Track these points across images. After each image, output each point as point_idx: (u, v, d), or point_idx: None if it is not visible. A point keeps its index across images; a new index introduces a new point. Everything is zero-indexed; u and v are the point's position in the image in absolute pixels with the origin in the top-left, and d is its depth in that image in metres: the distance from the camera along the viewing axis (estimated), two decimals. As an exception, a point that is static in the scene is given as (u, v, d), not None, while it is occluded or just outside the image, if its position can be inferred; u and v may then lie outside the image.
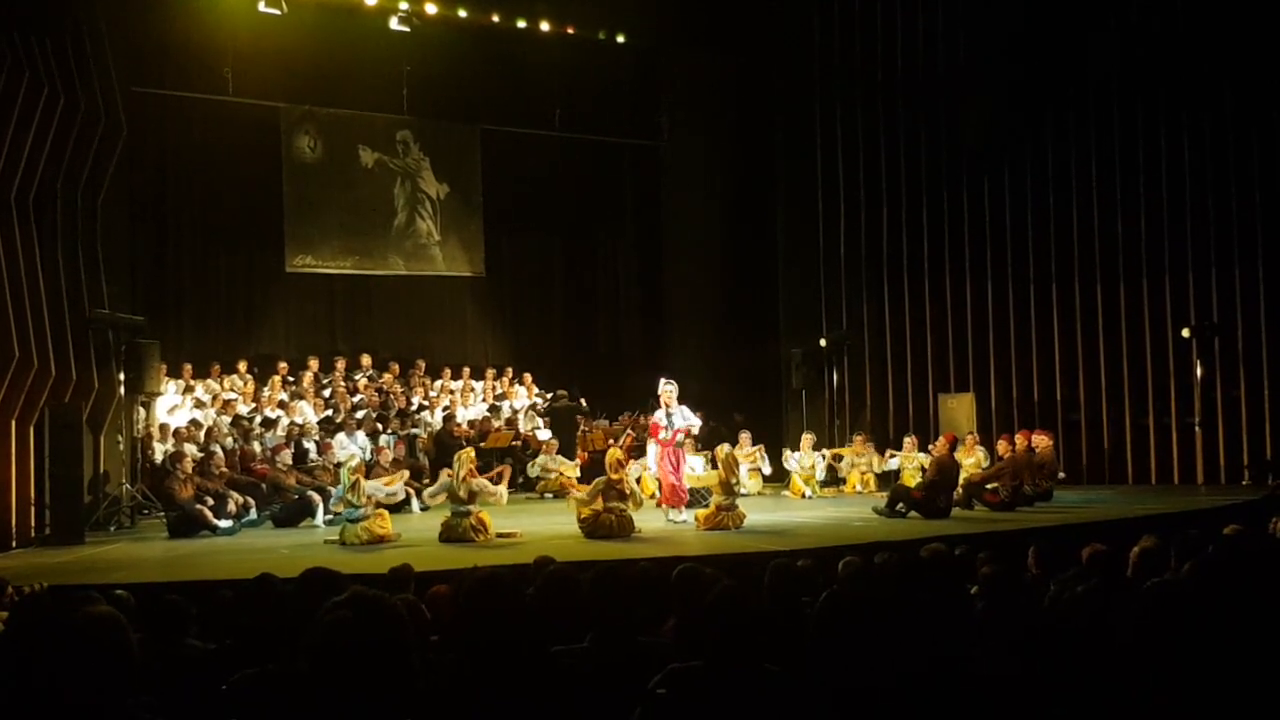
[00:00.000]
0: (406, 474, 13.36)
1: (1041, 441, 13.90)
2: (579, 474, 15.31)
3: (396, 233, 19.03)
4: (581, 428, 17.47)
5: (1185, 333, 15.57)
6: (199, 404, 15.69)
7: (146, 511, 13.33)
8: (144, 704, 2.91)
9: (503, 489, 11.59)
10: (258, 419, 15.64)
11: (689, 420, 12.38)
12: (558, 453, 16.13)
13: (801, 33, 18.93)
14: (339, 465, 12.74)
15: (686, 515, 12.05)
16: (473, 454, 11.63)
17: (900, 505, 12.09)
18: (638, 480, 12.44)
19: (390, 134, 18.98)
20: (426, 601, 5.51)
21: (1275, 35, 15.09)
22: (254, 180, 17.82)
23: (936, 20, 17.83)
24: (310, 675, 2.58)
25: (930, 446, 13.88)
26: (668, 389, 12.43)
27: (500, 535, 10.94)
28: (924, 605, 4.31)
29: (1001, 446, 13.88)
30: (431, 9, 17.85)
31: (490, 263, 19.74)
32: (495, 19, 18.56)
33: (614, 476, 11.10)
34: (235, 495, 12.81)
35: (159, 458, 14.16)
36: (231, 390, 16.30)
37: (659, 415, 12.42)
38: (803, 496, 15.09)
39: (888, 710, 3.15)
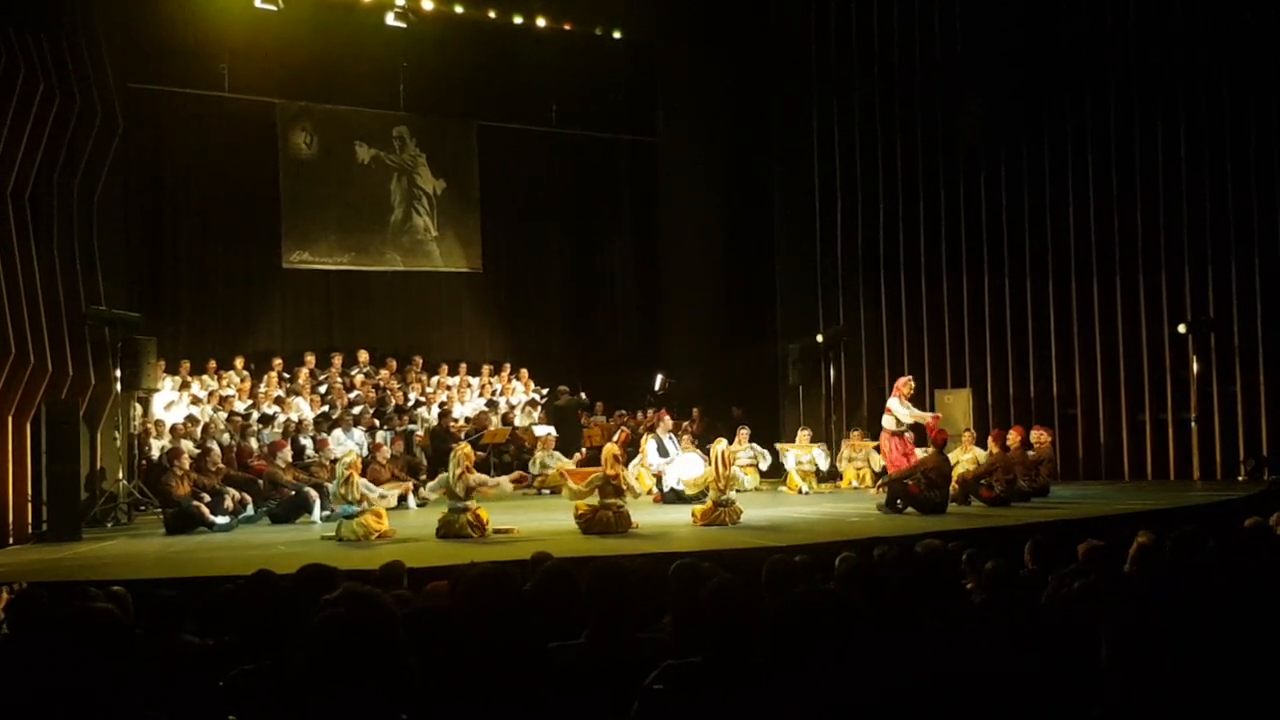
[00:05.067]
0: (409, 484, 13.34)
1: (1040, 437, 13.92)
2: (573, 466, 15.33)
3: (393, 229, 19.03)
4: (583, 424, 17.50)
5: (1181, 328, 15.58)
6: (195, 400, 15.69)
7: (143, 508, 13.31)
8: (141, 699, 2.91)
9: (505, 480, 11.63)
10: (254, 415, 15.64)
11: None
12: (557, 449, 16.12)
13: (797, 27, 18.92)
14: (335, 461, 12.74)
15: None
16: (469, 450, 11.62)
17: (899, 501, 12.11)
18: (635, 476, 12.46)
19: (386, 130, 18.97)
20: (423, 597, 5.52)
21: (1273, 30, 15.10)
22: (250, 176, 17.81)
23: (932, 15, 17.82)
24: (304, 672, 2.58)
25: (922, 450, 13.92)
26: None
27: (497, 531, 10.94)
28: (920, 601, 4.31)
29: (990, 443, 13.89)
30: (428, 5, 17.85)
31: (487, 258, 19.74)
32: (491, 15, 18.57)
33: (610, 472, 11.10)
34: (232, 491, 12.79)
35: (155, 454, 14.13)
36: (228, 386, 16.29)
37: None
38: (800, 492, 15.09)
39: (884, 707, 3.15)
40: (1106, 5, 16.41)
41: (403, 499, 13.45)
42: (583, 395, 17.98)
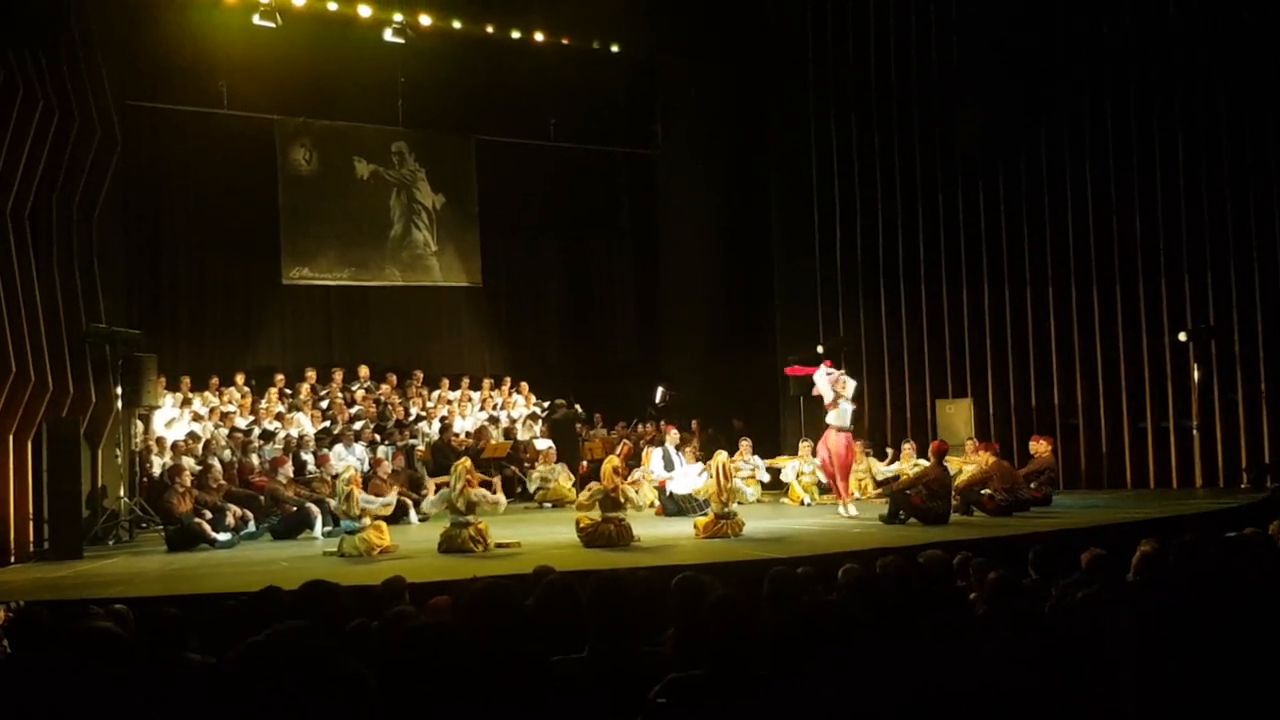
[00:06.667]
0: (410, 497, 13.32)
1: (1041, 447, 13.91)
2: (573, 480, 15.33)
3: (393, 243, 19.04)
4: (581, 437, 17.47)
5: (1182, 336, 15.59)
6: (196, 417, 15.68)
7: (145, 525, 13.30)
8: (143, 717, 2.90)
9: (500, 495, 11.60)
10: (256, 431, 15.63)
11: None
12: (558, 462, 16.12)
13: (795, 41, 18.96)
14: (336, 477, 12.73)
15: (853, 510, 12.99)
16: (469, 464, 11.61)
17: (901, 513, 12.10)
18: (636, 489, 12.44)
19: (385, 145, 18.99)
20: (427, 612, 5.50)
21: (1271, 36, 15.13)
22: (249, 193, 17.82)
23: (929, 27, 17.85)
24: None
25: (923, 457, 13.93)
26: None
27: (500, 545, 10.93)
28: (923, 612, 4.31)
29: (983, 455, 13.84)
30: (426, 21, 17.86)
31: (487, 272, 19.75)
32: (489, 30, 18.58)
33: (610, 485, 11.09)
34: (233, 508, 12.78)
35: (157, 471, 14.13)
36: (229, 403, 16.28)
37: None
38: (802, 503, 15.07)
39: (887, 718, 3.15)
40: (1103, 12, 16.44)
41: (404, 513, 13.45)
42: (578, 408, 17.94)
